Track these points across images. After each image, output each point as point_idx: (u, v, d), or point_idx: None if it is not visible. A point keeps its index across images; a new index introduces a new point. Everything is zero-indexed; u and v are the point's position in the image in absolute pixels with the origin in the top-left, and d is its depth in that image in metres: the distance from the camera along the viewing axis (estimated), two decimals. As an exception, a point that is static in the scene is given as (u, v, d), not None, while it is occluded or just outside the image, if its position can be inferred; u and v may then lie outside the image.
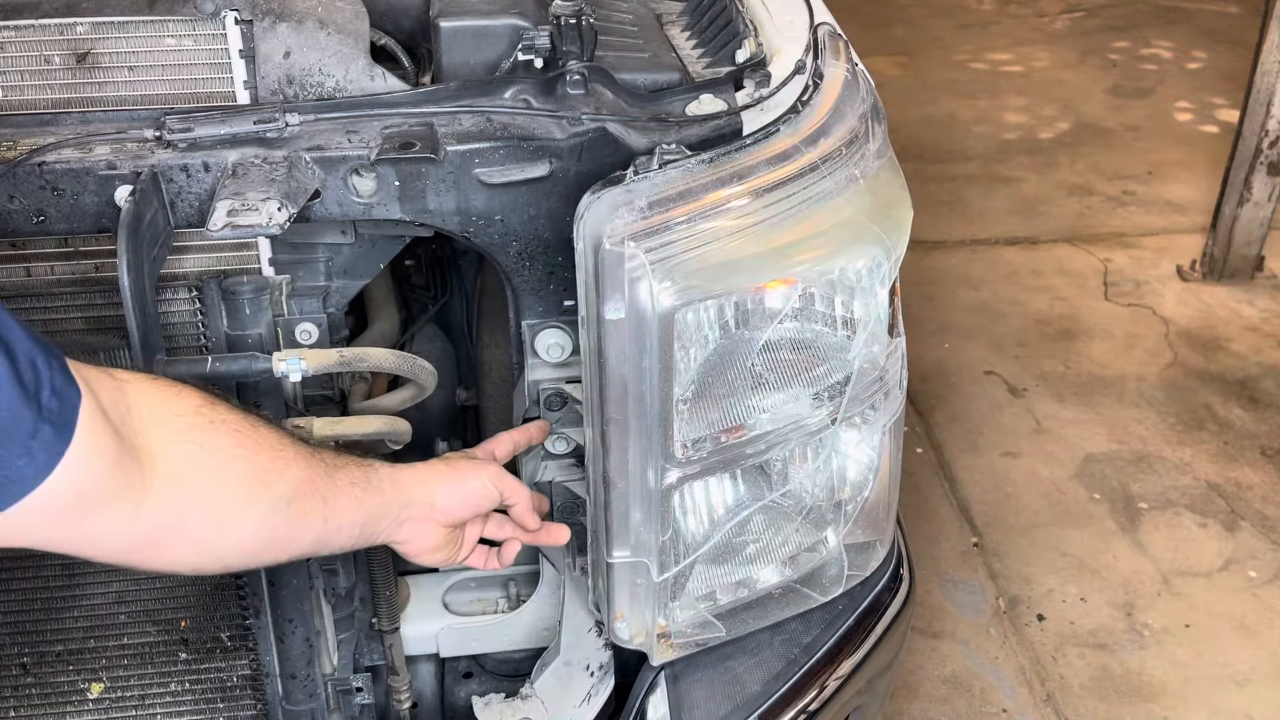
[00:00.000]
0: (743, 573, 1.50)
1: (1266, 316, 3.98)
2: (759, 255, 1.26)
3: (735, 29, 1.52)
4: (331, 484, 1.17)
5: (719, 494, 1.43)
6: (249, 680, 1.60)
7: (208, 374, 1.36)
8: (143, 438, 1.01)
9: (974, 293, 4.14)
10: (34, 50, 1.34)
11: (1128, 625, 2.82)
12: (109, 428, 0.96)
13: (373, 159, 1.30)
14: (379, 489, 1.24)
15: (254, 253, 1.44)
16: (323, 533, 1.17)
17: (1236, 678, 2.69)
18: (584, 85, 1.36)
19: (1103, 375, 3.70)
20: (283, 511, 1.12)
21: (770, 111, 1.35)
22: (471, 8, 1.47)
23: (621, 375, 1.25)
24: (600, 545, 1.39)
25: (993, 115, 5.52)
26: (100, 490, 0.97)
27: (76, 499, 0.95)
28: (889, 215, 1.36)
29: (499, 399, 1.84)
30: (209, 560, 1.12)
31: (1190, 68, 6.05)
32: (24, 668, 1.55)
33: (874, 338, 1.39)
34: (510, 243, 1.38)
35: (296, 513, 1.13)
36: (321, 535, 1.18)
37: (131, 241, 1.21)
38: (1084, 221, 4.60)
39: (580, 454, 1.51)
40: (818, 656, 1.55)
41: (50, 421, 0.90)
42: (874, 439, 1.48)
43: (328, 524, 1.17)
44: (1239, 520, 3.13)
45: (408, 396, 1.62)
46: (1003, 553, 3.03)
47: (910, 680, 2.67)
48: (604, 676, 1.61)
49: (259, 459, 1.10)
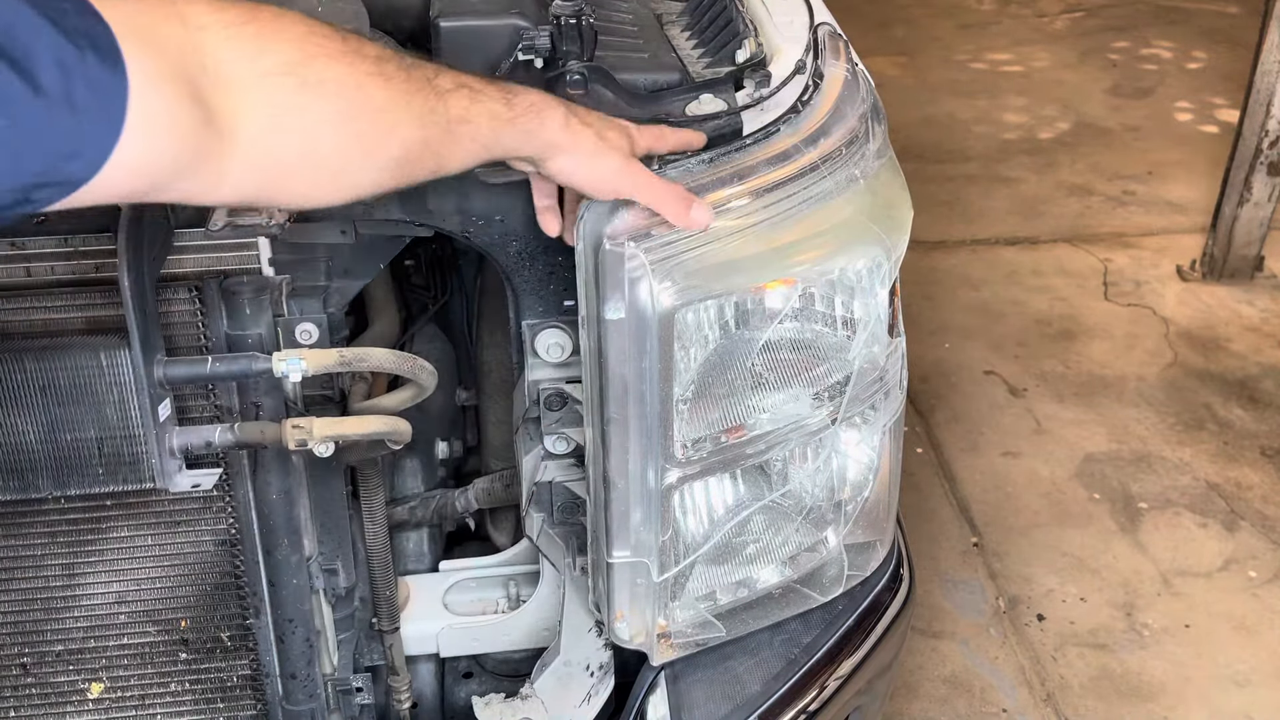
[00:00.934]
0: (743, 573, 1.50)
1: (1266, 316, 3.98)
2: (759, 255, 1.26)
3: (735, 29, 1.52)
4: (451, 139, 1.08)
5: (719, 494, 1.43)
6: (249, 680, 1.60)
7: (207, 374, 1.36)
8: (219, 97, 0.92)
9: (974, 293, 4.14)
10: (34, 50, 1.34)
11: (1128, 625, 2.82)
12: (172, 98, 0.88)
13: (373, 159, 1.29)
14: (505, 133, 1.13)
15: (254, 253, 1.44)
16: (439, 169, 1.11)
17: (1236, 678, 2.69)
18: (584, 85, 1.36)
19: (1103, 375, 3.70)
20: (389, 171, 1.05)
21: (770, 111, 1.35)
22: (471, 8, 1.47)
23: (621, 375, 1.25)
24: (600, 545, 1.39)
25: (993, 115, 5.53)
26: (170, 166, 0.90)
27: (147, 178, 0.90)
28: (889, 215, 1.36)
29: (499, 399, 1.84)
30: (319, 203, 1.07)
31: (1190, 68, 6.05)
32: (24, 668, 1.55)
33: (874, 338, 1.39)
34: (510, 243, 1.38)
35: (408, 168, 1.07)
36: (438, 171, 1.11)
37: (131, 241, 1.21)
38: (1084, 221, 4.60)
39: (580, 454, 1.51)
40: (818, 656, 1.55)
41: (90, 117, 0.83)
42: (874, 439, 1.48)
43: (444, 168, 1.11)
44: (1239, 520, 3.13)
45: (408, 396, 1.61)
46: (1003, 553, 3.03)
47: (910, 680, 2.67)
48: (604, 676, 1.61)
49: (357, 125, 1.01)
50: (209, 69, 0.92)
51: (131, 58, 0.86)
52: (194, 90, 0.90)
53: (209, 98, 0.91)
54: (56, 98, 0.82)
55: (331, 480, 1.59)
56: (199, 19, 0.93)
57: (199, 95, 0.91)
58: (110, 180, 0.87)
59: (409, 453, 1.86)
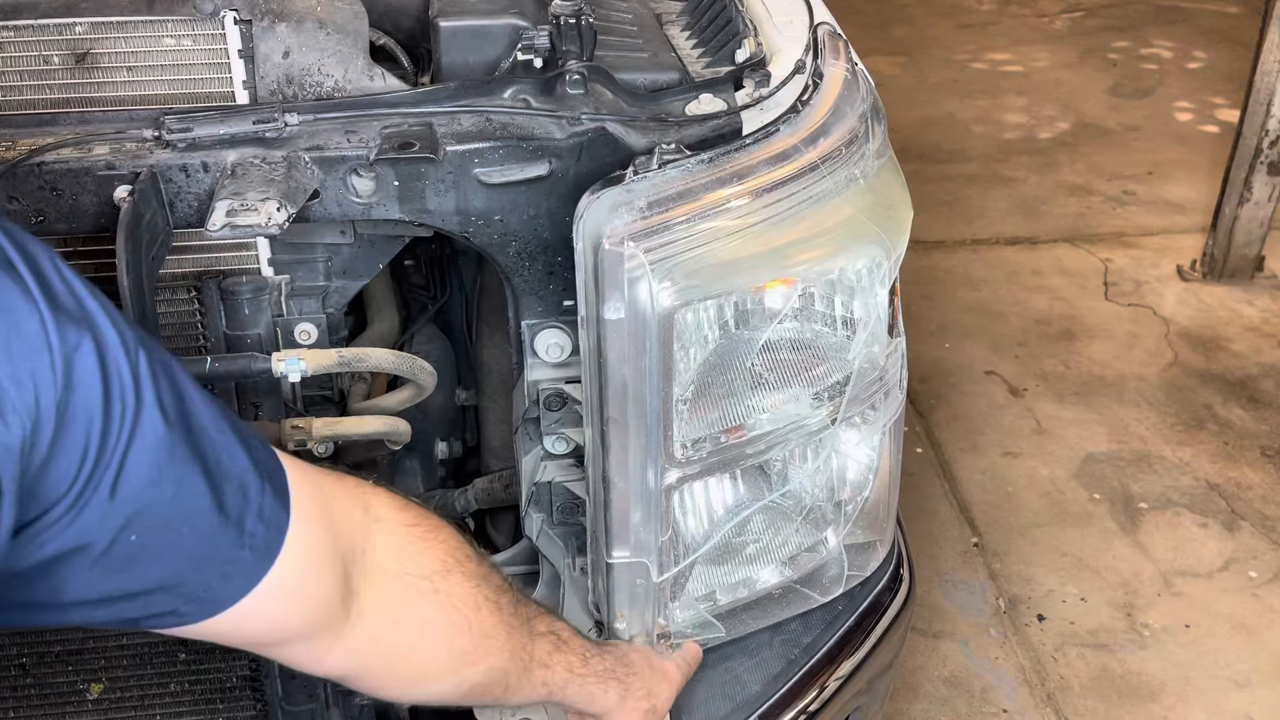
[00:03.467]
0: (743, 573, 1.50)
1: (1266, 316, 3.97)
2: (759, 255, 1.26)
3: (735, 29, 1.52)
4: (526, 678, 1.16)
5: (719, 494, 1.43)
6: (249, 680, 1.60)
7: (207, 374, 1.36)
8: (363, 583, 0.99)
9: (974, 293, 4.13)
10: (33, 50, 1.34)
11: (1128, 625, 2.82)
12: (326, 569, 0.95)
13: (372, 159, 1.30)
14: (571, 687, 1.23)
15: (253, 253, 1.44)
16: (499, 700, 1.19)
17: (1236, 678, 2.69)
18: (583, 85, 1.35)
19: (1103, 375, 3.70)
20: (464, 689, 1.12)
21: (770, 111, 1.35)
22: (471, 8, 1.47)
23: (621, 375, 1.25)
24: (600, 545, 1.39)
25: (993, 115, 5.52)
26: (299, 627, 0.96)
27: (275, 630, 0.94)
28: (889, 215, 1.36)
29: (499, 399, 1.84)
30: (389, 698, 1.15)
31: (1190, 68, 6.04)
32: (24, 668, 1.55)
33: (874, 338, 1.38)
34: (510, 243, 1.38)
35: (479, 691, 1.14)
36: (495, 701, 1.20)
37: (131, 241, 1.21)
38: (1084, 221, 4.60)
39: (580, 454, 1.51)
40: (818, 657, 1.55)
41: (251, 547, 0.88)
42: (874, 439, 1.48)
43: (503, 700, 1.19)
44: (1239, 520, 3.13)
45: (407, 397, 1.61)
46: (1003, 553, 3.03)
47: (910, 680, 2.67)
48: (604, 677, 1.60)
49: (462, 641, 1.09)
50: (366, 555, 0.99)
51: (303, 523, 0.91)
52: (346, 570, 0.97)
53: (355, 580, 0.98)
54: (232, 518, 0.86)
55: (331, 480, 1.59)
56: (379, 510, 1.02)
57: (348, 575, 0.97)
58: (242, 617, 0.90)
59: (409, 453, 1.86)
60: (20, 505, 0.73)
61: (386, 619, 1.02)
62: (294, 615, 0.94)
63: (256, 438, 0.90)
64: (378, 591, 1.00)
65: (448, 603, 1.06)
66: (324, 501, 0.95)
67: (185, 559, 0.84)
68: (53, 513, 0.76)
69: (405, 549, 1.04)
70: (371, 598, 1.00)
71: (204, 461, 0.83)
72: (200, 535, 0.84)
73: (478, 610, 1.08)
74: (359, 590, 0.98)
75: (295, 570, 0.91)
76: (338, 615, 0.97)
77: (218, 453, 0.85)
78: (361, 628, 1.00)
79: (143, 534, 0.80)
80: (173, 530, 0.82)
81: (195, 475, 0.82)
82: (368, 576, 0.99)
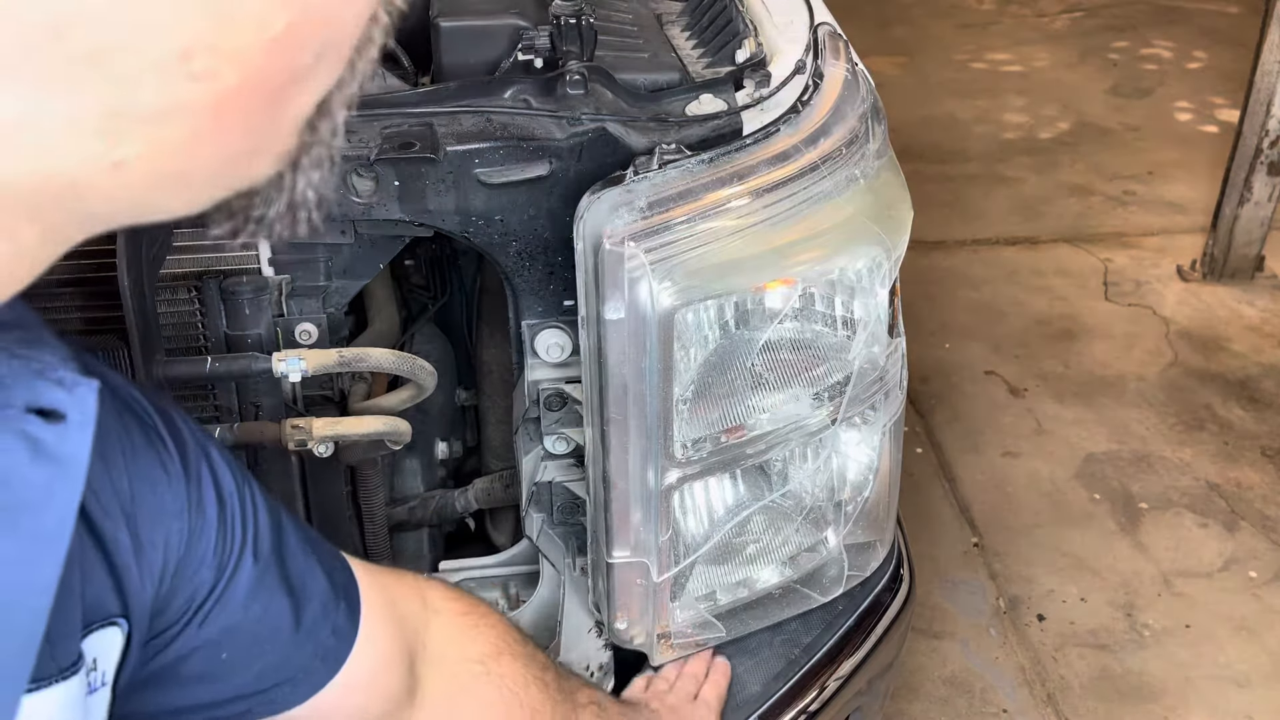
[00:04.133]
0: (743, 573, 1.50)
1: (1266, 316, 3.97)
2: (759, 255, 1.26)
3: (735, 29, 1.52)
4: None
5: (719, 494, 1.43)
6: None
7: (207, 374, 1.36)
8: (425, 670, 1.04)
9: (974, 293, 4.13)
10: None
11: (1128, 625, 2.82)
12: (395, 664, 1.00)
13: (372, 159, 1.30)
14: None
15: (254, 253, 1.44)
16: None
17: (1237, 678, 2.69)
18: (584, 85, 1.36)
19: (1103, 375, 3.70)
20: None
21: (770, 111, 1.35)
22: (471, 8, 1.47)
23: (621, 375, 1.25)
24: (600, 545, 1.39)
25: (993, 115, 5.52)
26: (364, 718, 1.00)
27: None
28: (889, 215, 1.36)
29: (499, 399, 1.84)
30: None
31: (1190, 68, 6.04)
32: None
33: (874, 338, 1.38)
34: (510, 243, 1.38)
35: None
36: None
37: (131, 241, 1.21)
38: (1084, 221, 4.60)
39: (580, 454, 1.51)
40: (818, 657, 1.55)
41: (323, 658, 0.93)
42: (874, 439, 1.48)
43: None
44: (1239, 520, 3.13)
45: (407, 396, 1.62)
46: (1003, 553, 3.03)
47: (910, 680, 2.67)
48: (604, 677, 1.60)
49: (515, 717, 1.13)
50: (428, 646, 1.05)
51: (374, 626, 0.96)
52: (411, 662, 1.02)
53: (420, 671, 1.03)
54: (307, 633, 0.91)
55: (331, 480, 1.59)
56: (436, 603, 1.09)
57: (414, 667, 1.02)
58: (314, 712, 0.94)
59: (409, 453, 1.86)
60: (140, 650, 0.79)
61: (446, 703, 1.08)
62: (367, 707, 1.00)
63: (335, 556, 0.96)
64: (438, 678, 1.06)
65: (500, 683, 1.12)
66: (390, 603, 1.01)
67: (263, 671, 0.90)
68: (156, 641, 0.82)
69: (461, 637, 1.10)
70: (432, 684, 1.06)
71: (289, 584, 0.90)
72: (279, 650, 0.90)
73: (527, 688, 1.14)
74: (422, 678, 1.04)
75: (367, 669, 0.96)
76: (404, 705, 1.03)
77: (302, 576, 0.91)
78: (420, 710, 1.05)
79: (232, 651, 0.86)
80: (257, 647, 0.89)
81: (281, 597, 0.89)
82: (430, 665, 1.05)
